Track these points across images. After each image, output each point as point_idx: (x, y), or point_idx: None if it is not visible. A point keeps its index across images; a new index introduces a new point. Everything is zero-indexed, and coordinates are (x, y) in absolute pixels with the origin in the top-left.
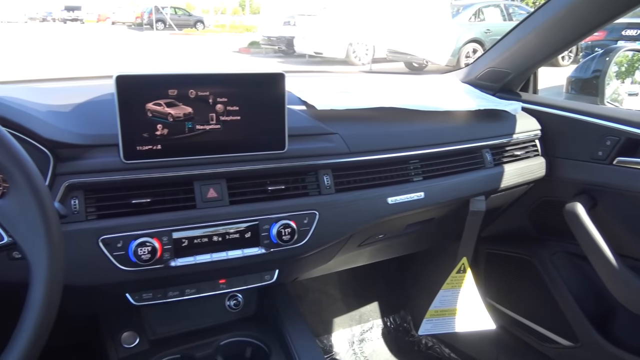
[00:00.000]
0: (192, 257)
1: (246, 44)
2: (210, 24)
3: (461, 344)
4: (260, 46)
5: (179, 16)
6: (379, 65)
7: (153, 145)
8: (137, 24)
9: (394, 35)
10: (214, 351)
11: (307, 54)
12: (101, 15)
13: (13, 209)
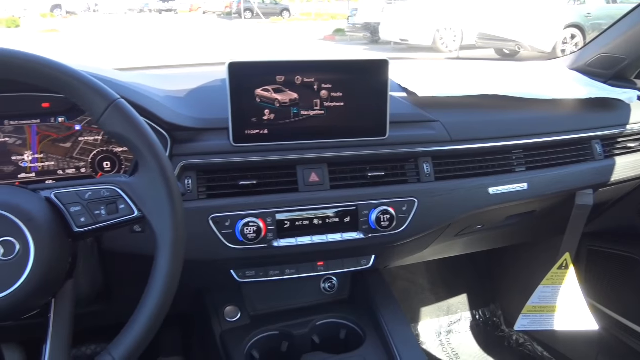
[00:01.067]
0: (293, 239)
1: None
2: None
3: (557, 343)
4: (345, 33)
5: (266, 5)
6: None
7: (260, 130)
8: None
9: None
10: (310, 330)
11: (393, 41)
12: (193, 5)
13: (142, 185)
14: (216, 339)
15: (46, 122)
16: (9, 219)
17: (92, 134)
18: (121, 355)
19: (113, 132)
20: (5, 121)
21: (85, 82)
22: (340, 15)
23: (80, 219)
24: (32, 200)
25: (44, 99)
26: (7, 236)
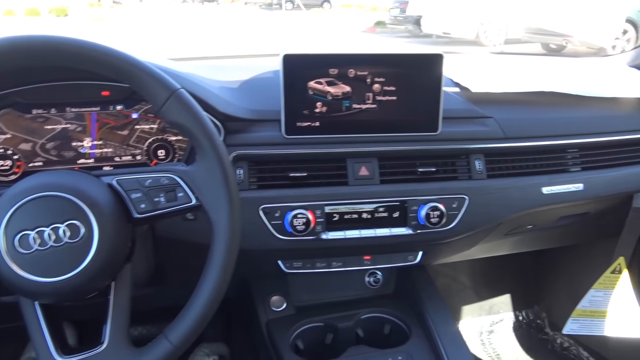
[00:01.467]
0: (342, 232)
1: (372, 24)
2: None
3: (604, 349)
4: (386, 25)
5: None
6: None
7: (312, 122)
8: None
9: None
10: (354, 324)
11: (435, 34)
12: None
13: (200, 174)
14: (262, 327)
15: (105, 109)
16: (75, 203)
17: (148, 122)
18: (177, 339)
19: (173, 122)
20: (67, 108)
21: (148, 72)
22: (381, 7)
23: (141, 205)
24: (96, 186)
25: (104, 88)
26: (73, 219)
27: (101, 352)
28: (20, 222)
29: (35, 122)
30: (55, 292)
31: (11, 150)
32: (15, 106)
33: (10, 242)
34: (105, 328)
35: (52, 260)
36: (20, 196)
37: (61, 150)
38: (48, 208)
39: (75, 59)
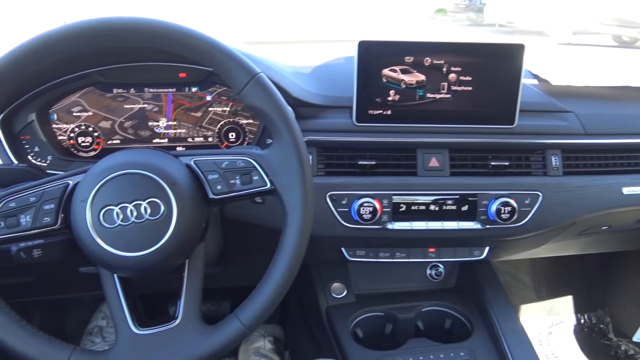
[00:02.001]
0: (408, 222)
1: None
2: None
3: None
4: (447, 13)
5: None
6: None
7: (384, 110)
8: None
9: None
10: (415, 316)
11: (498, 23)
12: None
13: (276, 159)
14: (321, 312)
15: (181, 91)
16: (157, 182)
17: (221, 104)
18: (248, 319)
19: (252, 105)
20: (145, 88)
21: (231, 55)
22: None
23: (217, 186)
24: (175, 166)
25: (181, 69)
26: (154, 197)
27: (175, 327)
28: (105, 198)
29: (115, 101)
30: (134, 266)
31: (92, 128)
32: (97, 85)
33: (95, 216)
34: (179, 304)
35: (133, 236)
36: (106, 172)
37: (138, 129)
38: (131, 185)
39: (161, 41)
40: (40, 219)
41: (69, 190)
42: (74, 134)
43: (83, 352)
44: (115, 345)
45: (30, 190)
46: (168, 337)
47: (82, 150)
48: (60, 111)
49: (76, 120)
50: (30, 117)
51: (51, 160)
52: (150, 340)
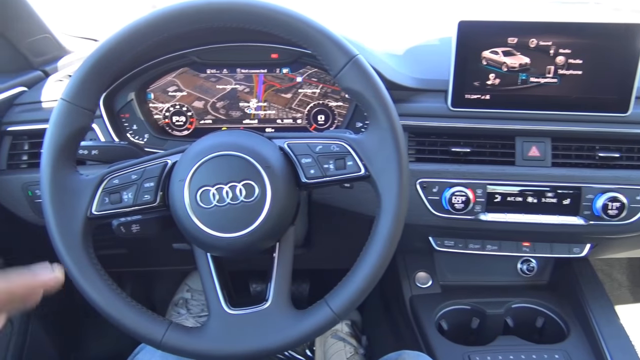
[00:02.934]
0: (502, 214)
1: None
2: None
3: None
4: None
5: None
6: None
7: (482, 95)
8: None
9: None
10: (504, 312)
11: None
12: None
13: (372, 144)
14: (405, 301)
15: (272, 72)
16: (252, 164)
17: (311, 86)
18: (338, 307)
19: (349, 88)
20: (238, 69)
21: (329, 36)
22: None
23: (310, 170)
24: (270, 148)
25: (273, 50)
26: (249, 180)
27: (265, 309)
28: (203, 178)
29: (209, 82)
30: (228, 247)
31: (186, 107)
32: (192, 66)
33: (192, 196)
34: (270, 286)
35: (228, 217)
36: (204, 153)
37: (229, 109)
38: (228, 167)
39: (260, 21)
40: (141, 197)
41: (168, 169)
42: (168, 113)
43: (178, 327)
44: (207, 323)
45: (132, 168)
46: (259, 319)
47: (175, 129)
48: (156, 91)
49: (171, 100)
50: (130, 96)
51: (148, 139)
52: (241, 320)
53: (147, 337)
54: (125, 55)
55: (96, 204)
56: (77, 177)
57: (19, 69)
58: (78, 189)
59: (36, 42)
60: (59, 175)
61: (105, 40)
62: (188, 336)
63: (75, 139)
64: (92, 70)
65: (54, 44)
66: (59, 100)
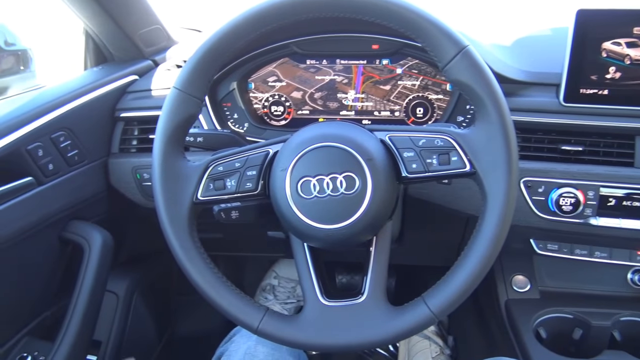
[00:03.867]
0: (616, 219)
1: None
2: None
3: None
4: None
5: None
6: None
7: (599, 90)
8: None
9: None
10: (611, 325)
11: None
12: None
13: (479, 140)
14: (500, 304)
15: (372, 63)
16: (354, 156)
17: (411, 78)
18: (436, 306)
19: (457, 80)
20: (337, 60)
21: (439, 26)
22: None
23: (412, 165)
24: (371, 141)
25: (374, 41)
26: (351, 172)
27: (361, 303)
28: (304, 169)
29: (308, 72)
30: (326, 238)
31: (284, 97)
32: (292, 56)
33: (294, 186)
34: (366, 280)
35: (328, 209)
36: (306, 144)
37: (327, 100)
38: (329, 158)
39: (367, 11)
40: (243, 184)
41: (269, 158)
42: (267, 103)
43: (274, 314)
44: (303, 312)
45: (236, 156)
46: (354, 312)
47: (273, 119)
48: (257, 80)
49: (271, 90)
50: (232, 85)
51: (247, 127)
52: (337, 312)
53: (245, 322)
54: (236, 44)
55: (201, 189)
56: (185, 163)
57: (132, 58)
58: (186, 174)
59: (148, 33)
60: (169, 160)
61: (217, 30)
62: (284, 324)
63: (185, 126)
64: (203, 60)
65: (163, 35)
66: (171, 89)
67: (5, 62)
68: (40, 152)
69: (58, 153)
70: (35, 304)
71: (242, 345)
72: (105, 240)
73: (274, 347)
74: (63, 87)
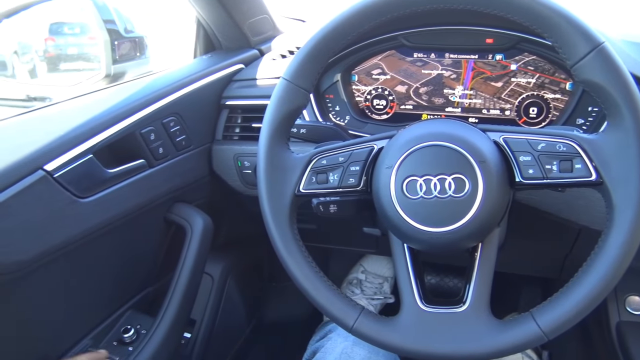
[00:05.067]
0: None
1: None
2: None
3: None
4: None
5: None
6: None
7: None
8: None
9: None
10: None
11: None
12: None
13: (610, 147)
14: (610, 326)
15: (483, 58)
16: (466, 157)
17: (526, 75)
18: (547, 325)
19: (588, 80)
20: (446, 54)
21: (572, 20)
22: None
23: (529, 170)
24: (484, 142)
25: (488, 35)
26: (461, 174)
27: (463, 312)
28: (411, 168)
29: (414, 66)
30: (429, 241)
31: (388, 91)
32: (399, 49)
33: (399, 185)
34: (469, 288)
35: (434, 211)
36: (414, 142)
37: (432, 96)
38: (438, 158)
39: (494, 4)
40: (346, 179)
41: (374, 154)
42: (370, 96)
43: (370, 314)
44: (400, 316)
45: (340, 150)
46: (455, 321)
47: (375, 113)
48: (361, 73)
49: (374, 83)
50: (336, 77)
51: (348, 120)
52: (435, 319)
53: (340, 320)
54: (349, 35)
55: (304, 182)
56: (289, 154)
57: (239, 47)
58: (289, 166)
59: (256, 23)
60: (274, 151)
61: (330, 21)
62: (379, 325)
63: (292, 118)
64: (314, 51)
65: (269, 24)
66: (280, 79)
67: (124, 48)
68: (152, 136)
69: (168, 137)
70: (140, 280)
71: (339, 345)
72: (207, 224)
73: (371, 350)
74: (175, 74)
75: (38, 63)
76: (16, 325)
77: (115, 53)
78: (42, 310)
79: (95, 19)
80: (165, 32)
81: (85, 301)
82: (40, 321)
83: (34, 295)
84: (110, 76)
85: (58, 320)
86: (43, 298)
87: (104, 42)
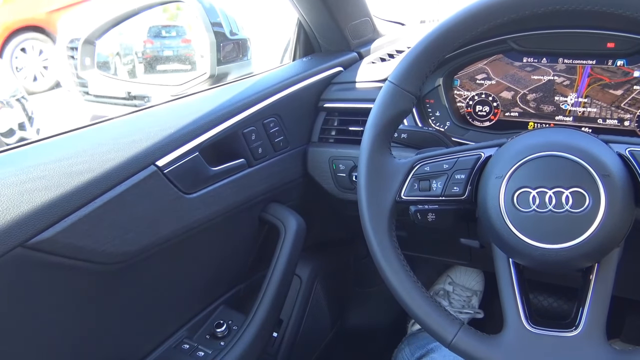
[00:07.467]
0: None
1: None
2: None
3: None
4: None
5: None
6: None
7: None
8: None
9: None
10: None
11: None
12: None
13: None
14: None
15: (602, 64)
16: (587, 170)
17: None
18: None
19: None
20: (559, 59)
21: None
22: None
23: None
24: (608, 154)
25: (609, 38)
26: (580, 187)
27: (575, 337)
28: (524, 179)
29: (523, 71)
30: (540, 258)
31: (492, 97)
32: (507, 53)
33: (509, 196)
34: (582, 311)
35: (548, 226)
36: (528, 151)
37: (541, 103)
38: (555, 170)
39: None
40: (450, 188)
41: (481, 163)
42: (472, 102)
43: (469, 331)
44: (503, 334)
45: (445, 157)
46: (566, 346)
47: (477, 119)
48: (464, 78)
49: (478, 88)
50: (438, 81)
51: (449, 126)
52: (543, 342)
53: (438, 333)
54: (461, 39)
55: (405, 188)
56: (391, 159)
57: (338, 50)
58: (391, 172)
59: (357, 25)
60: (376, 155)
61: (440, 25)
62: (480, 343)
63: (396, 122)
64: (423, 54)
65: (370, 27)
66: (386, 82)
67: (228, 50)
68: (253, 136)
69: (267, 138)
70: (232, 276)
71: None
72: (300, 225)
73: None
74: (276, 76)
75: (137, 64)
76: (119, 313)
77: (220, 54)
78: (142, 300)
79: (202, 22)
80: (265, 34)
81: (182, 294)
82: (140, 312)
83: (136, 285)
84: (214, 77)
85: (156, 312)
86: (144, 289)
87: (210, 43)
